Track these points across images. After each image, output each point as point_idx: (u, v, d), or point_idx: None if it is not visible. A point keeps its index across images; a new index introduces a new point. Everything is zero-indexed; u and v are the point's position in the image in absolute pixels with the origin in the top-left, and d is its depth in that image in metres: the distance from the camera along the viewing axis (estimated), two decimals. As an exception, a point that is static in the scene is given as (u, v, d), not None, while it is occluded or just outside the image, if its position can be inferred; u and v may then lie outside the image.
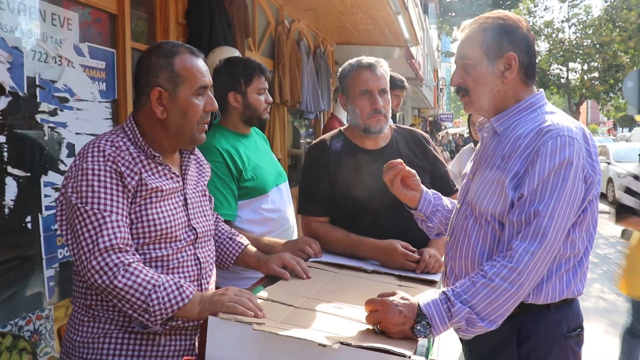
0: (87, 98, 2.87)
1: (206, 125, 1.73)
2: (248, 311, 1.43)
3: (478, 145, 1.86)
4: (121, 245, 1.51)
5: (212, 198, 1.99)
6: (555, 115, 1.63)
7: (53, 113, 2.63)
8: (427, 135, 2.42)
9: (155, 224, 1.61)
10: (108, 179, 1.55)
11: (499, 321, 1.50)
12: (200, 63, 1.69)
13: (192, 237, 1.72)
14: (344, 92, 2.24)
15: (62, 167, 2.67)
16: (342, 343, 1.27)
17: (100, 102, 2.98)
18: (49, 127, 2.61)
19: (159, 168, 1.68)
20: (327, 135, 2.37)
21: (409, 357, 1.26)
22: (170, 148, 1.72)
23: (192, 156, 1.82)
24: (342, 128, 2.37)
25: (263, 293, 1.65)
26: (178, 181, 1.72)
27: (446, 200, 2.00)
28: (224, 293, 1.51)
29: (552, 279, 1.59)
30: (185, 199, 1.74)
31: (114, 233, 1.51)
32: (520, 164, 1.56)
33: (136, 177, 1.60)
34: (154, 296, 1.49)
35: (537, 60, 1.72)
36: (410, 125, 19.72)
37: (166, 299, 1.50)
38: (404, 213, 2.19)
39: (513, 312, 1.55)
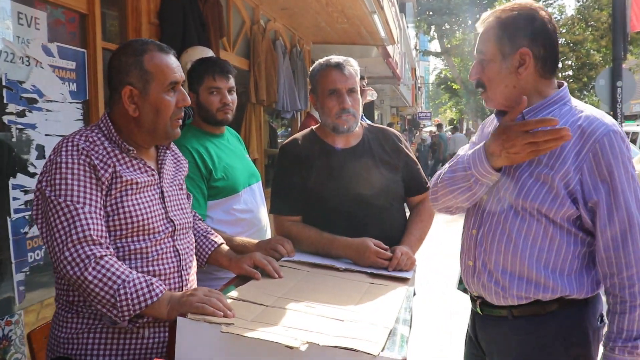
0: (57, 99, 2.83)
1: (180, 121, 1.74)
2: (217, 311, 1.42)
3: (488, 133, 1.78)
4: (95, 237, 1.52)
5: (190, 195, 2.00)
6: (591, 109, 1.60)
7: (21, 114, 2.59)
8: (399, 134, 2.43)
9: (131, 215, 1.62)
10: (82, 172, 1.56)
11: None
12: (170, 59, 1.70)
13: (170, 229, 1.73)
14: (314, 91, 2.25)
15: (31, 169, 2.63)
16: (309, 343, 1.27)
17: (70, 102, 2.95)
18: (17, 128, 2.57)
19: (134, 162, 1.69)
20: (298, 135, 2.37)
21: (377, 355, 1.27)
22: (146, 144, 1.74)
23: (168, 151, 1.84)
24: (313, 127, 2.37)
25: (234, 293, 1.65)
26: (153, 174, 1.74)
27: None
28: (193, 294, 1.50)
29: (592, 273, 1.61)
30: (162, 192, 1.76)
31: (87, 224, 1.52)
32: (572, 161, 1.52)
33: (110, 170, 1.61)
34: (122, 291, 1.48)
35: (556, 53, 1.65)
36: (389, 124, 19.72)
37: (134, 295, 1.49)
38: (376, 211, 2.21)
39: (552, 309, 1.61)
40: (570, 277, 1.61)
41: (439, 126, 21.88)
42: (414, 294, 2.15)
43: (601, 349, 1.62)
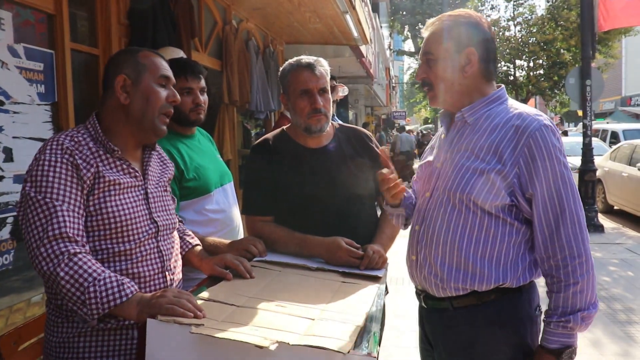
0: (24, 101, 2.79)
1: (168, 118, 1.79)
2: (187, 312, 1.42)
3: (440, 134, 1.92)
4: (70, 235, 1.53)
5: (175, 199, 2.01)
6: (525, 107, 1.73)
7: (-14, 117, 2.55)
8: (369, 133, 2.45)
9: (114, 215, 1.64)
10: (63, 170, 1.58)
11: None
12: (162, 60, 1.80)
13: (154, 229, 1.75)
14: (285, 91, 2.25)
15: (-2, 172, 2.59)
16: (279, 342, 1.28)
17: (39, 105, 2.90)
18: (-18, 131, 2.52)
19: (118, 163, 1.71)
20: (269, 135, 2.38)
21: (347, 353, 1.28)
22: (132, 138, 1.76)
23: (153, 152, 1.87)
24: (285, 127, 2.37)
25: (204, 293, 1.65)
26: (136, 176, 1.76)
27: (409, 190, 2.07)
28: (162, 295, 1.49)
29: (527, 261, 1.71)
30: (147, 193, 1.78)
31: (64, 222, 1.53)
32: (508, 156, 1.64)
33: (92, 170, 1.63)
34: (91, 289, 1.48)
35: (496, 58, 1.81)
36: (364, 124, 19.66)
37: (104, 293, 1.49)
38: (348, 210, 2.22)
39: (488, 298, 1.71)
40: (505, 266, 1.70)
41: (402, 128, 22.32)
42: (387, 292, 2.17)
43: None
